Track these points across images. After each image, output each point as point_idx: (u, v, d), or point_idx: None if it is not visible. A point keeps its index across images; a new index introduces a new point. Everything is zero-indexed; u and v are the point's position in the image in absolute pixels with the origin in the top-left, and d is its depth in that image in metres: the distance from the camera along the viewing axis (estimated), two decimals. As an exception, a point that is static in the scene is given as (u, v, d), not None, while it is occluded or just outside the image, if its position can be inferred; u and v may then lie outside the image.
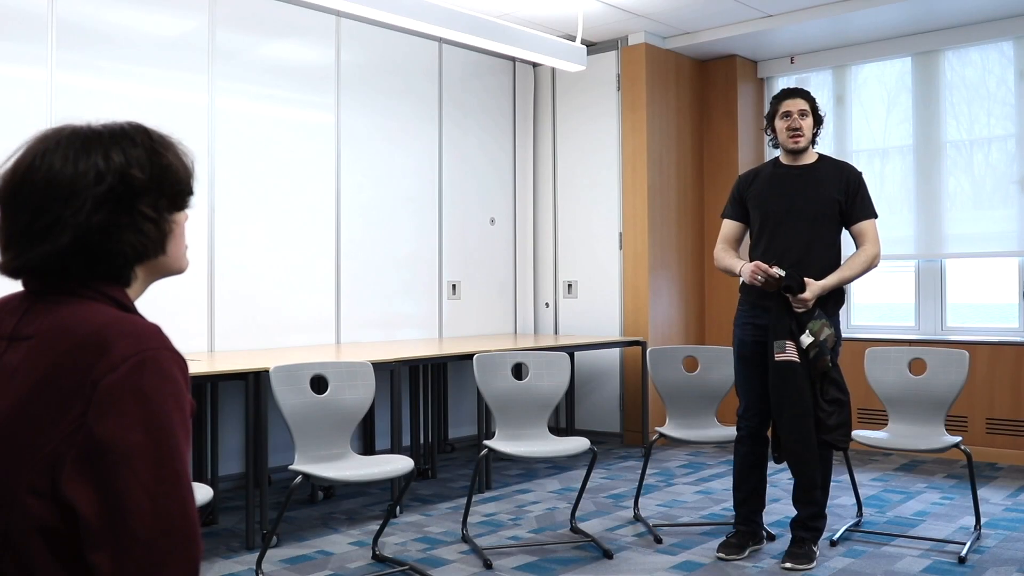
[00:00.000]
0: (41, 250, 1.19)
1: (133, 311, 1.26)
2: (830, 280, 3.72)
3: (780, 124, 3.83)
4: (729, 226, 4.03)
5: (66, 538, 1.11)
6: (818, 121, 3.86)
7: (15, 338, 1.20)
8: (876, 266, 3.84)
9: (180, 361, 1.19)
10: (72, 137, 1.23)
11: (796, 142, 3.80)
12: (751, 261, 3.79)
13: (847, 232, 3.87)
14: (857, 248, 3.81)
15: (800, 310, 3.66)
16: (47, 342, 1.16)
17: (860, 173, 3.87)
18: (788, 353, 3.64)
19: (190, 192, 1.31)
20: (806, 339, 3.63)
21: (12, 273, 1.24)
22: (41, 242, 1.19)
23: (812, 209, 3.77)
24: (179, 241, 1.33)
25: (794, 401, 3.65)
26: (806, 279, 3.66)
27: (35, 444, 1.11)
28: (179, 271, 1.35)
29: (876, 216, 3.84)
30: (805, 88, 3.93)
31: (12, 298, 1.26)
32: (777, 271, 3.63)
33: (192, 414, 1.19)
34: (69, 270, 1.21)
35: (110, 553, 1.08)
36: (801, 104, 3.80)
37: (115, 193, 1.22)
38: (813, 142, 3.87)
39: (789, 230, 3.78)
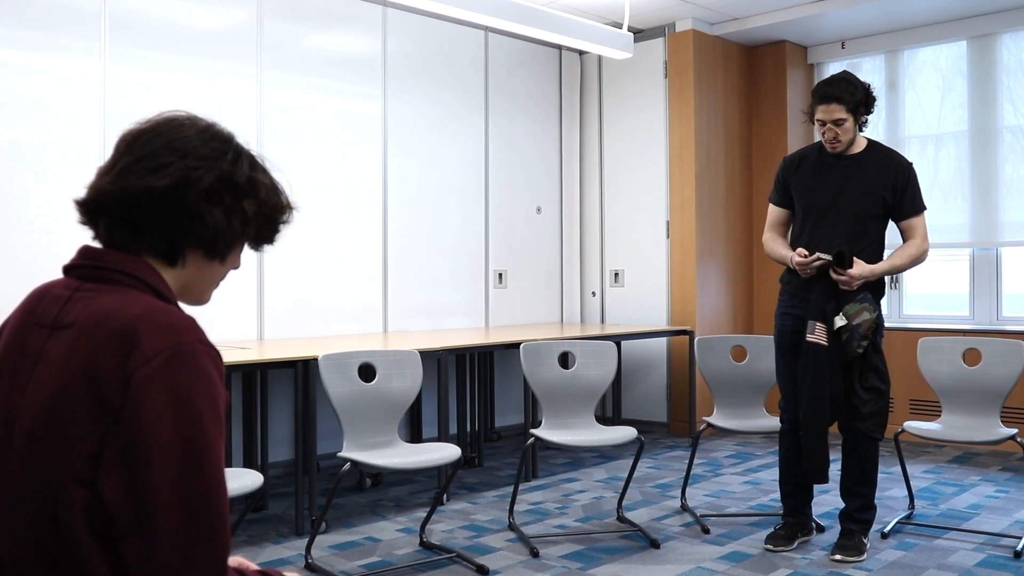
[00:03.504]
0: (140, 183, 1.22)
1: (172, 302, 1.27)
2: (881, 266, 3.66)
3: (817, 127, 3.71)
4: (775, 212, 3.95)
5: (111, 524, 1.13)
6: (866, 109, 3.68)
7: (57, 326, 1.21)
8: (924, 261, 3.76)
9: (214, 355, 1.19)
10: (222, 133, 1.32)
11: (833, 148, 3.70)
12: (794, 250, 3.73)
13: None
14: (904, 242, 3.74)
15: (844, 287, 3.60)
16: (85, 332, 1.18)
17: (910, 165, 3.74)
18: (816, 335, 3.60)
19: (270, 241, 1.37)
20: (839, 321, 3.57)
21: (92, 203, 1.25)
22: (142, 177, 1.22)
23: (856, 204, 3.67)
24: (230, 266, 1.36)
25: (813, 384, 3.61)
26: (856, 259, 3.60)
27: (78, 435, 1.13)
28: (205, 293, 1.38)
29: (925, 209, 3.73)
30: (851, 74, 3.73)
31: (55, 285, 1.28)
32: (823, 256, 3.58)
33: (226, 408, 1.20)
34: (144, 221, 1.23)
35: (139, 545, 1.11)
36: (836, 113, 3.60)
37: (233, 178, 1.27)
38: (861, 128, 3.74)
39: (832, 224, 3.69)
